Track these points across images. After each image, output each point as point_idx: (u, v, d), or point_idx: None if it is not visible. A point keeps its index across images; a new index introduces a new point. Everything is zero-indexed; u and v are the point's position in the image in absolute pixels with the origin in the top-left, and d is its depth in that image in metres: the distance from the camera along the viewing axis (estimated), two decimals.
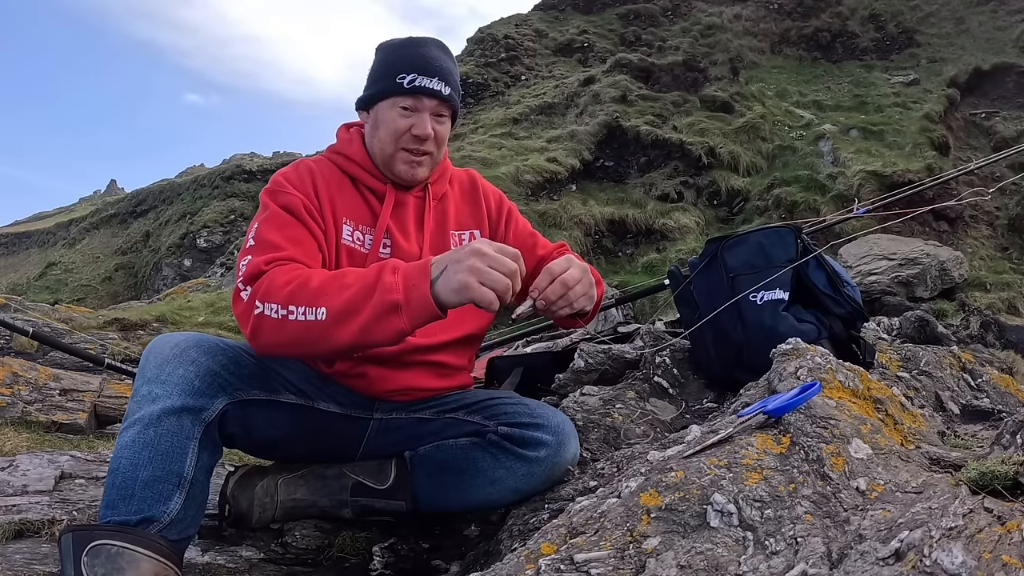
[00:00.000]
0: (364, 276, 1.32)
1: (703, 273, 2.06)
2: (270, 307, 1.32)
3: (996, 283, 8.49)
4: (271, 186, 1.57)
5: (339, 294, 1.30)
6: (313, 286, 1.32)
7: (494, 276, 1.25)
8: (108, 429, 3.05)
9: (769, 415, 1.25)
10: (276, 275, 1.36)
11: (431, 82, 1.57)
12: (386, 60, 1.61)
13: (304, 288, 1.32)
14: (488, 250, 1.27)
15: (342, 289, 1.31)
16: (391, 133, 1.59)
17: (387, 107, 1.59)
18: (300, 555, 1.59)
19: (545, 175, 11.59)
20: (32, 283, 22.99)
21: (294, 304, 1.30)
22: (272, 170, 20.79)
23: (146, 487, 1.27)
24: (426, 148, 1.60)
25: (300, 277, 1.35)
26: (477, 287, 1.24)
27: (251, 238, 1.48)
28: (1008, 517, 0.92)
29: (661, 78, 14.75)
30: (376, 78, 1.62)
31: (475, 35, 19.53)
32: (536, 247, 1.81)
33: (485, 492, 1.54)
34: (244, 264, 1.42)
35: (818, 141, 12.34)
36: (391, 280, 1.28)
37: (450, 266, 1.27)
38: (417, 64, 1.57)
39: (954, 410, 1.96)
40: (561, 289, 1.44)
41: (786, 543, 1.01)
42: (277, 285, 1.34)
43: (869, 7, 17.49)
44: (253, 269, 1.39)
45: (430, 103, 1.59)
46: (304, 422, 1.55)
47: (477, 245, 1.28)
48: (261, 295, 1.34)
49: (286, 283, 1.34)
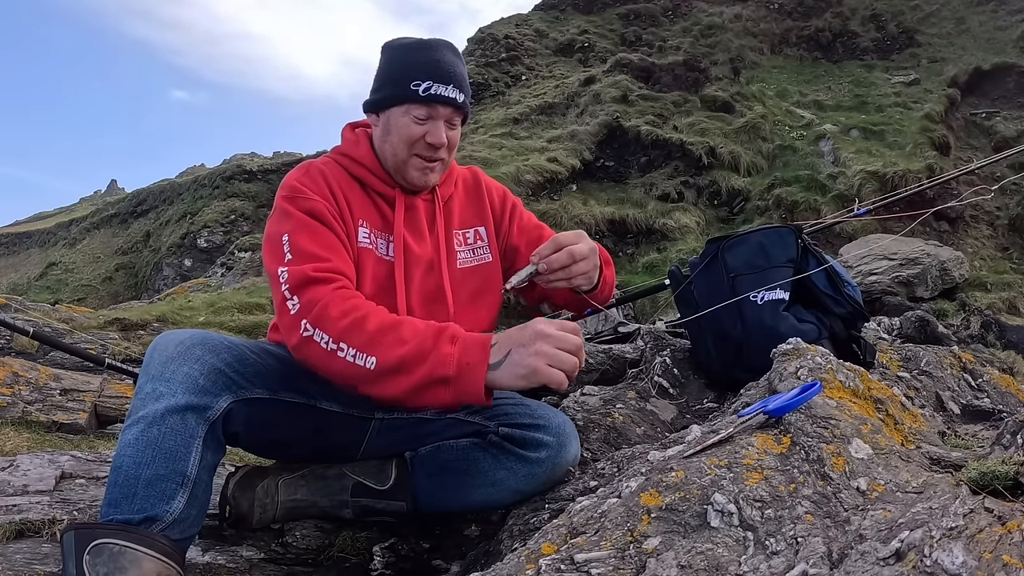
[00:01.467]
0: (422, 338, 1.30)
1: (703, 273, 2.06)
2: (320, 335, 1.33)
3: (997, 283, 8.49)
4: (288, 192, 1.54)
5: (392, 349, 1.29)
6: (369, 330, 1.31)
7: (562, 357, 1.25)
8: (109, 429, 3.05)
9: (769, 415, 1.25)
10: (332, 303, 1.35)
11: (447, 90, 1.54)
12: (398, 63, 1.57)
13: (359, 329, 1.32)
14: (552, 331, 1.27)
15: (397, 344, 1.30)
16: (404, 140, 1.56)
17: (400, 113, 1.56)
18: (300, 555, 1.59)
19: (545, 175, 11.59)
20: (33, 283, 23.00)
21: (346, 343, 1.31)
22: (272, 170, 20.78)
23: (149, 486, 1.27)
24: (439, 155, 1.59)
25: (357, 313, 1.34)
26: (546, 371, 1.24)
27: (287, 251, 1.45)
28: (1008, 517, 0.92)
29: (662, 78, 14.76)
30: (387, 81, 1.58)
31: (475, 35, 19.54)
32: (542, 239, 1.77)
33: (486, 493, 1.54)
34: (284, 273, 1.41)
35: (819, 141, 12.35)
36: (448, 352, 1.28)
37: (515, 351, 1.26)
38: (432, 71, 1.53)
39: (954, 410, 1.96)
40: (566, 259, 1.43)
41: (786, 543, 1.01)
42: (332, 316, 1.33)
43: (870, 7, 17.49)
44: (299, 276, 1.39)
45: (445, 111, 1.56)
46: (306, 421, 1.55)
47: (540, 327, 1.28)
48: (313, 319, 1.34)
49: (341, 315, 1.33)
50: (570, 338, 1.27)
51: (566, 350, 1.26)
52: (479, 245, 1.74)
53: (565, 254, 1.44)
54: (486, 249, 1.74)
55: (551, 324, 1.29)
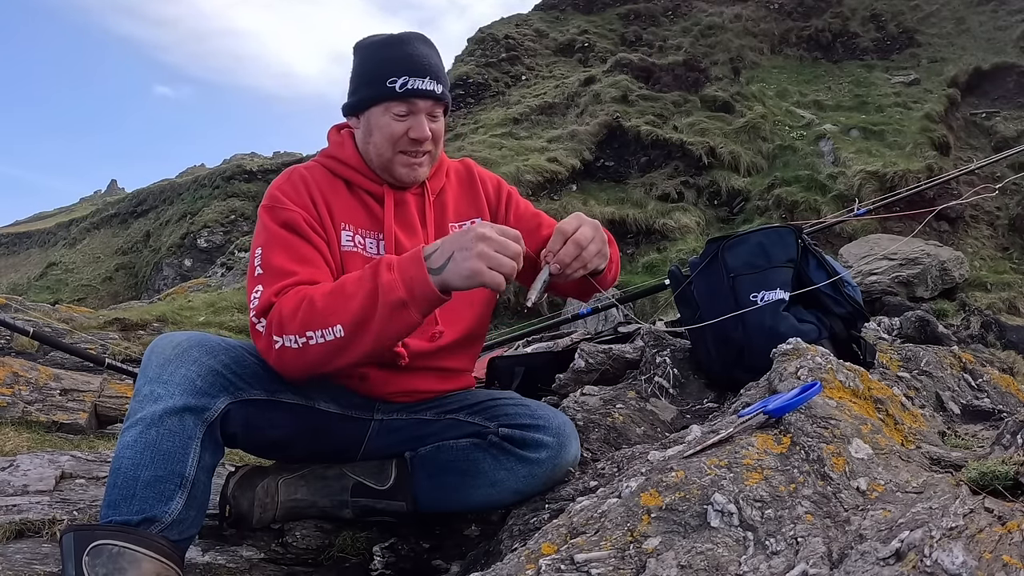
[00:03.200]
0: (362, 282, 1.34)
1: (703, 273, 2.06)
2: (288, 339, 1.35)
3: (997, 283, 8.49)
4: (268, 201, 1.55)
5: (346, 305, 1.33)
6: (320, 307, 1.34)
7: (501, 260, 1.30)
8: (108, 429, 3.06)
9: (769, 415, 1.25)
10: (284, 305, 1.37)
11: (423, 82, 1.53)
12: (371, 62, 1.56)
13: (312, 311, 1.34)
14: (492, 234, 1.31)
15: (347, 300, 1.33)
16: (387, 139, 1.56)
17: (380, 113, 1.55)
18: (300, 555, 1.59)
19: (545, 175, 11.59)
20: (32, 283, 23.00)
21: (310, 330, 1.34)
22: (272, 170, 20.78)
23: (148, 487, 1.27)
24: (425, 149, 1.59)
25: (304, 300, 1.36)
26: (487, 272, 1.29)
27: (258, 265, 1.47)
28: (1008, 517, 0.92)
29: (662, 78, 14.75)
30: (363, 82, 1.57)
31: (475, 35, 19.53)
32: (540, 227, 1.79)
33: (486, 493, 1.54)
34: (256, 295, 1.43)
35: (819, 141, 12.34)
36: (389, 278, 1.32)
37: (457, 253, 1.30)
38: (406, 65, 1.52)
39: (954, 410, 1.96)
40: (575, 250, 1.46)
41: (786, 543, 1.01)
42: (287, 316, 1.36)
43: (870, 7, 17.48)
44: (264, 303, 1.41)
45: (425, 105, 1.56)
46: (305, 422, 1.55)
47: (481, 230, 1.31)
48: (276, 329, 1.36)
49: (294, 311, 1.35)
50: (510, 244, 1.32)
51: (506, 254, 1.31)
52: None
53: (572, 245, 1.46)
54: None
55: (492, 227, 1.33)
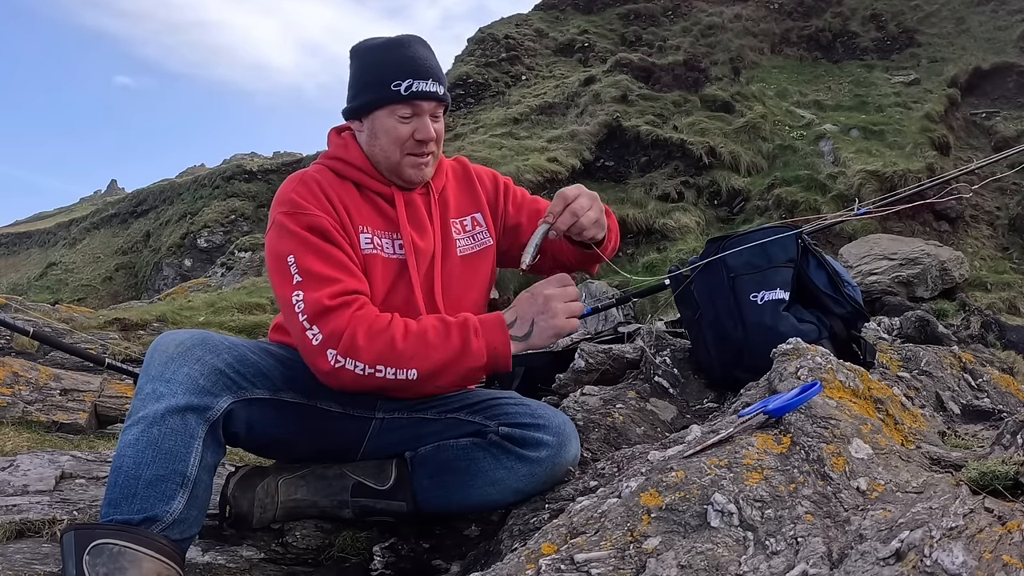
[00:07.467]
0: (449, 339, 1.45)
1: (703, 273, 2.06)
2: (354, 364, 1.41)
3: (997, 283, 8.50)
4: (287, 207, 1.54)
5: (427, 355, 1.43)
6: (400, 348, 1.42)
7: (571, 307, 1.50)
8: (109, 429, 3.05)
9: (769, 415, 1.25)
10: (357, 330, 1.41)
11: (427, 84, 1.56)
12: (373, 66, 1.58)
13: (392, 350, 1.42)
14: (556, 291, 1.50)
15: (429, 350, 1.43)
16: (394, 142, 1.58)
17: (385, 116, 1.57)
18: (300, 555, 1.59)
19: (546, 175, 11.58)
20: (33, 283, 23.00)
21: (383, 365, 1.42)
22: (272, 170, 20.79)
23: (149, 486, 1.27)
24: (430, 149, 1.61)
25: (384, 335, 1.42)
26: (568, 323, 1.49)
27: (295, 273, 1.46)
28: (1008, 517, 0.92)
29: (662, 78, 14.75)
30: (366, 86, 1.59)
31: (476, 35, 19.53)
32: (540, 211, 1.82)
33: (486, 492, 1.54)
34: (299, 299, 1.44)
35: (819, 141, 12.34)
36: (477, 347, 1.45)
37: (538, 319, 1.48)
38: (409, 68, 1.55)
39: (954, 410, 1.96)
40: (571, 218, 1.57)
41: (786, 543, 1.01)
42: (363, 345, 1.40)
43: (870, 7, 17.47)
44: (316, 305, 1.42)
45: (428, 106, 1.58)
46: (306, 421, 1.55)
47: (546, 291, 1.49)
48: (342, 351, 1.40)
49: (371, 342, 1.41)
50: (570, 289, 1.51)
51: (572, 299, 1.50)
52: (478, 231, 1.77)
53: (569, 215, 1.57)
54: (485, 233, 1.78)
55: (550, 285, 1.51)
